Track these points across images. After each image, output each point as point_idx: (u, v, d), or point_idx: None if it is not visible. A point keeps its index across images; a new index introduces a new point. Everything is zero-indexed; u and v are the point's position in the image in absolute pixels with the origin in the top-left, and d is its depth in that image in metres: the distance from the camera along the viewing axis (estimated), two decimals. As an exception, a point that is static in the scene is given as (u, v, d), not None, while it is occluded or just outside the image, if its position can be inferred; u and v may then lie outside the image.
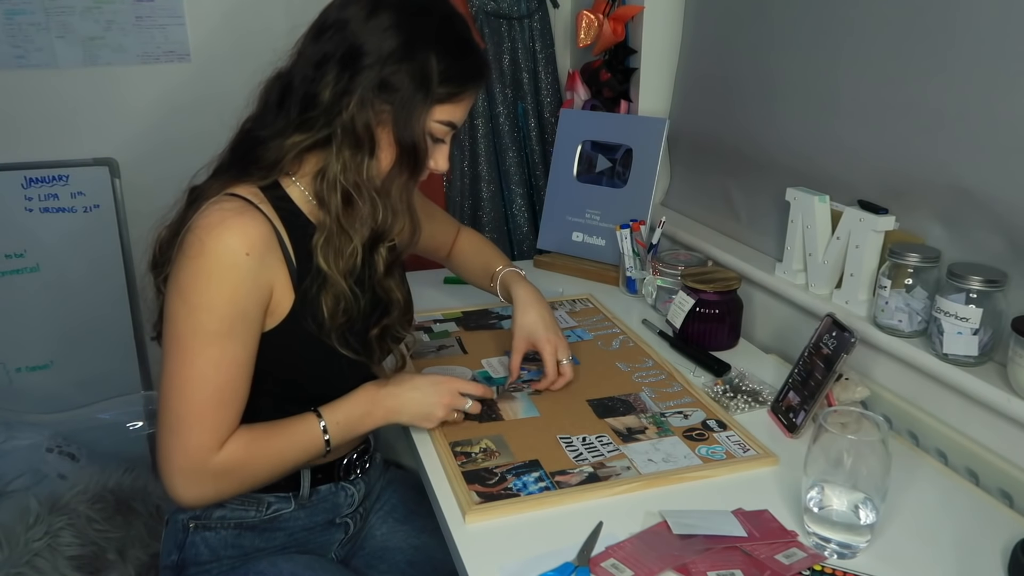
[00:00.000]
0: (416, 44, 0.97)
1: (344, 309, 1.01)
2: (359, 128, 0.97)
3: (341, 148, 0.98)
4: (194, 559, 1.08)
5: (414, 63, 0.97)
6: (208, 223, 0.94)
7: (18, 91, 1.85)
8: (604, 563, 0.87)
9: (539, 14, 1.98)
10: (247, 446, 0.99)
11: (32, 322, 1.91)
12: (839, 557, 0.89)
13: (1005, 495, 1.01)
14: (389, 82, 0.96)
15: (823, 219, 1.29)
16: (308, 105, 0.98)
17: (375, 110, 0.97)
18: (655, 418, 1.17)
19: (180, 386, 0.94)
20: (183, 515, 1.09)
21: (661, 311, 1.53)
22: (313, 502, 1.13)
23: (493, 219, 2.01)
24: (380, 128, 0.99)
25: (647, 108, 1.82)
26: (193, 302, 0.93)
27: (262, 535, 1.10)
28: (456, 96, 1.01)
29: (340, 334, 1.02)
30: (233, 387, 0.97)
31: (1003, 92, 1.01)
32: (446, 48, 0.99)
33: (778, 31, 1.43)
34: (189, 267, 0.93)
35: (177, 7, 1.89)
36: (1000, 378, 1.02)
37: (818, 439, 0.89)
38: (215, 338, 0.94)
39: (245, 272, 0.94)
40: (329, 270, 0.99)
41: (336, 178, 0.98)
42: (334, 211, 0.99)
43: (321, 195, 1.00)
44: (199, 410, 0.94)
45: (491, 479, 1.02)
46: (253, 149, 1.01)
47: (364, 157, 0.99)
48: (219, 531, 1.08)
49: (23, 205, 1.86)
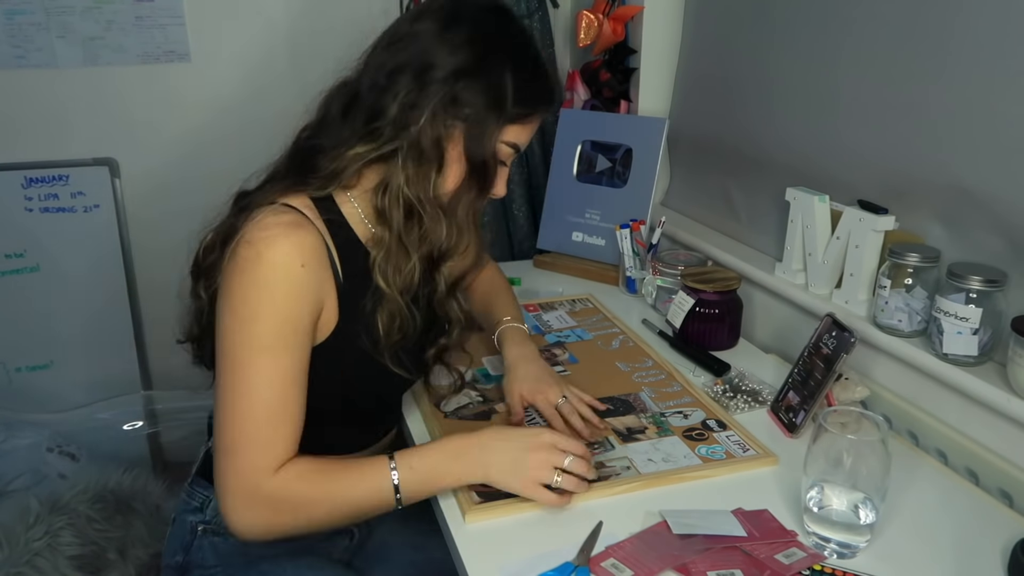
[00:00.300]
0: (492, 61, 0.96)
1: (400, 327, 0.99)
2: (429, 142, 0.95)
3: (406, 161, 0.95)
4: (199, 562, 1.08)
5: (490, 80, 0.95)
6: (264, 234, 0.91)
7: (18, 91, 1.85)
8: (604, 563, 0.87)
9: (539, 14, 1.98)
10: (305, 475, 0.92)
11: (32, 322, 1.91)
12: (839, 557, 0.89)
13: (1005, 495, 1.01)
14: (462, 98, 0.95)
15: (823, 219, 1.29)
16: (375, 116, 0.95)
17: (446, 125, 0.96)
18: (655, 418, 1.17)
19: (233, 403, 0.91)
20: (192, 517, 1.09)
21: (661, 311, 1.53)
22: (345, 524, 1.09)
23: (493, 219, 2.01)
24: (450, 144, 0.97)
25: (647, 108, 1.82)
26: (245, 314, 0.90)
27: (269, 545, 1.06)
28: (527, 117, 1.00)
29: (393, 352, 1.00)
30: (287, 403, 0.92)
31: (1003, 92, 1.01)
32: (521, 67, 0.98)
33: (778, 31, 1.43)
34: (242, 278, 0.90)
35: (177, 7, 1.89)
36: (1000, 378, 1.02)
37: (818, 439, 0.89)
38: (268, 351, 0.90)
39: (300, 283, 0.92)
40: (387, 287, 0.98)
41: (400, 190, 0.96)
42: (395, 226, 0.97)
43: (382, 209, 0.97)
44: (252, 428, 0.91)
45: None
46: (312, 158, 0.98)
47: (431, 172, 0.97)
48: (227, 537, 1.07)
49: (23, 205, 1.87)
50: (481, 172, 0.99)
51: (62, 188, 1.88)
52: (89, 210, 1.91)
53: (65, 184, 1.88)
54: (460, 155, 0.98)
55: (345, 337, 0.99)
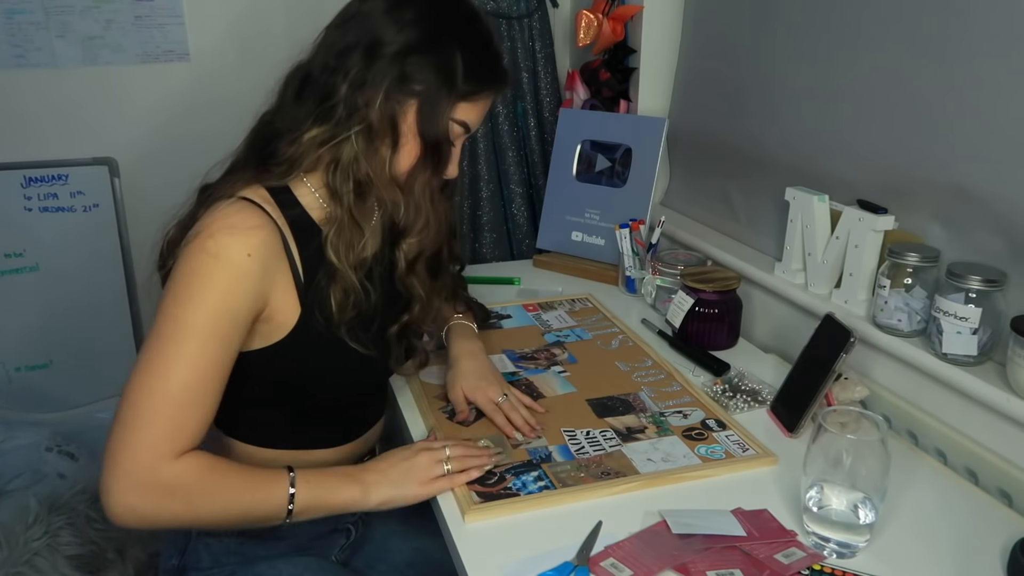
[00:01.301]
0: (442, 38, 0.97)
1: (354, 303, 1.00)
2: (381, 120, 0.96)
3: (358, 138, 0.96)
4: (195, 564, 1.07)
5: (439, 56, 0.96)
6: (212, 223, 0.92)
7: (17, 90, 1.85)
8: (603, 562, 0.87)
9: (538, 13, 1.98)
10: (204, 470, 0.90)
11: (31, 321, 1.90)
12: (838, 556, 0.89)
13: (1004, 495, 1.01)
14: (412, 74, 0.96)
15: (822, 219, 1.29)
16: (327, 96, 0.96)
17: (399, 102, 0.96)
18: (655, 418, 1.17)
19: (147, 378, 0.87)
20: None
21: (660, 311, 1.53)
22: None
23: (492, 219, 2.01)
24: (403, 121, 0.98)
25: (646, 108, 1.82)
26: (181, 295, 0.89)
27: (264, 543, 1.08)
28: (476, 95, 1.00)
29: (350, 328, 1.01)
30: (206, 390, 0.90)
31: (1003, 92, 1.01)
32: (470, 45, 0.99)
33: (778, 30, 1.43)
34: (186, 264, 0.90)
35: (176, 6, 1.89)
36: (999, 378, 1.02)
37: (817, 439, 0.89)
38: (197, 333, 0.88)
39: (243, 273, 0.91)
40: (339, 263, 0.98)
41: (350, 166, 0.97)
42: (346, 202, 0.98)
43: (333, 186, 0.98)
44: (160, 405, 0.86)
45: (490, 479, 1.02)
46: (270, 143, 0.99)
47: (386, 150, 0.98)
48: (222, 538, 1.06)
49: (23, 204, 1.86)
50: (435, 150, 1.00)
51: (61, 188, 1.88)
52: (88, 210, 1.90)
53: (64, 184, 1.88)
54: (414, 133, 0.98)
55: (309, 328, 0.99)
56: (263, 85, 1.24)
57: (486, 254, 2.01)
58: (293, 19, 1.94)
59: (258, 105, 1.25)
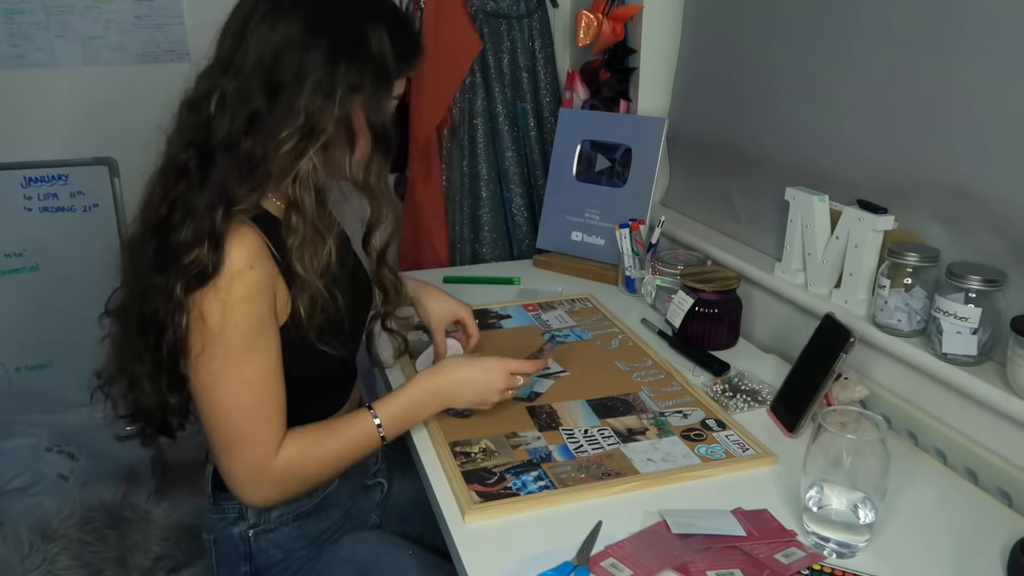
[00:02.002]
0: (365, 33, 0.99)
1: (321, 308, 1.02)
2: (339, 127, 0.98)
3: (317, 152, 0.97)
4: (267, 563, 1.12)
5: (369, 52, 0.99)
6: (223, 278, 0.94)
7: (17, 90, 1.85)
8: (603, 562, 0.87)
9: (538, 13, 1.98)
10: (303, 451, 1.02)
11: (31, 322, 1.91)
12: (838, 556, 0.89)
13: (1004, 494, 1.01)
14: (351, 77, 0.97)
15: (822, 218, 1.29)
16: (282, 119, 0.96)
17: (349, 105, 0.98)
18: (656, 419, 1.17)
19: (224, 411, 0.97)
20: (236, 528, 1.10)
21: (660, 310, 1.53)
22: (345, 471, 1.14)
23: (492, 219, 2.01)
24: (355, 122, 1.00)
25: (646, 107, 1.82)
26: (211, 331, 0.94)
27: (319, 518, 1.14)
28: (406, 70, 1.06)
29: (319, 332, 1.03)
30: (271, 396, 0.99)
31: (1003, 92, 1.01)
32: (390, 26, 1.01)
33: (778, 30, 1.43)
34: (200, 298, 0.93)
35: (176, 6, 1.89)
36: (999, 378, 1.02)
37: (817, 438, 0.89)
38: (242, 357, 0.96)
39: (253, 285, 0.95)
40: (305, 272, 0.99)
41: (309, 177, 0.98)
42: (309, 213, 0.99)
43: (294, 198, 0.98)
44: (246, 428, 0.98)
45: (490, 479, 1.02)
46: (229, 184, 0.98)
47: (343, 154, 1.00)
48: (281, 528, 1.11)
49: (22, 204, 1.87)
50: (385, 138, 1.03)
51: (61, 188, 1.88)
52: (88, 209, 1.91)
53: (64, 184, 1.88)
54: (365, 129, 1.01)
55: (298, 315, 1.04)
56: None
57: (486, 254, 2.01)
58: (293, 19, 1.94)
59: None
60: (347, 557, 1.11)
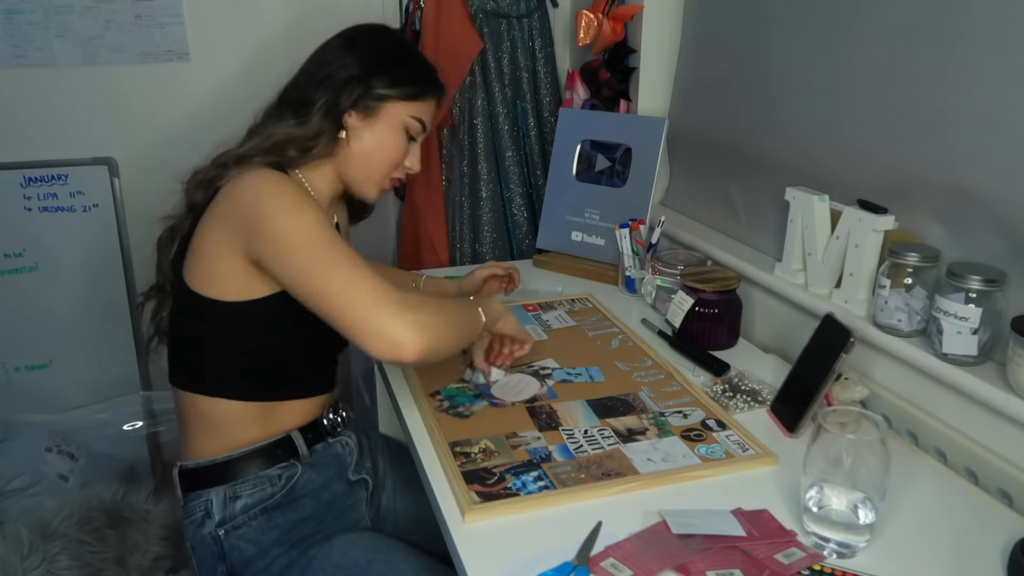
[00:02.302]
0: (391, 57, 1.24)
1: None
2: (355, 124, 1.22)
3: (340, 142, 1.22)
4: (242, 560, 1.11)
5: (391, 72, 1.21)
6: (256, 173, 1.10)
7: (17, 90, 1.85)
8: (603, 563, 0.87)
9: (538, 13, 1.98)
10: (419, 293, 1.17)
11: (31, 321, 1.90)
12: (838, 556, 0.89)
13: (1004, 495, 1.01)
14: (376, 88, 1.20)
15: (822, 218, 1.29)
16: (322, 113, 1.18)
17: (372, 107, 1.21)
18: (656, 419, 1.17)
19: (348, 276, 1.02)
20: (204, 529, 1.11)
21: (660, 310, 1.53)
22: (315, 460, 1.19)
23: (492, 219, 2.01)
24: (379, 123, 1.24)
25: (646, 107, 1.82)
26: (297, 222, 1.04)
27: (289, 508, 1.14)
28: (422, 96, 1.25)
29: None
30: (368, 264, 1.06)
31: (1004, 91, 1.01)
32: (407, 62, 1.26)
33: (778, 30, 1.43)
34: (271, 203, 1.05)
35: (176, 6, 1.89)
36: (999, 378, 1.02)
37: (817, 439, 0.89)
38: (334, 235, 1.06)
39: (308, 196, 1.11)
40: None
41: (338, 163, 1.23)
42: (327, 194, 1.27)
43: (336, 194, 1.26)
44: (368, 276, 1.02)
45: (490, 479, 1.02)
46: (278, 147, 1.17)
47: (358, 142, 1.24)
48: (250, 523, 1.11)
49: (22, 204, 1.86)
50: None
51: (61, 187, 1.88)
52: (88, 209, 1.90)
53: (64, 183, 1.88)
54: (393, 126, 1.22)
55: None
56: (263, 84, 1.25)
57: (486, 254, 2.01)
58: (292, 19, 1.95)
59: (258, 104, 1.26)
60: (337, 562, 1.10)
